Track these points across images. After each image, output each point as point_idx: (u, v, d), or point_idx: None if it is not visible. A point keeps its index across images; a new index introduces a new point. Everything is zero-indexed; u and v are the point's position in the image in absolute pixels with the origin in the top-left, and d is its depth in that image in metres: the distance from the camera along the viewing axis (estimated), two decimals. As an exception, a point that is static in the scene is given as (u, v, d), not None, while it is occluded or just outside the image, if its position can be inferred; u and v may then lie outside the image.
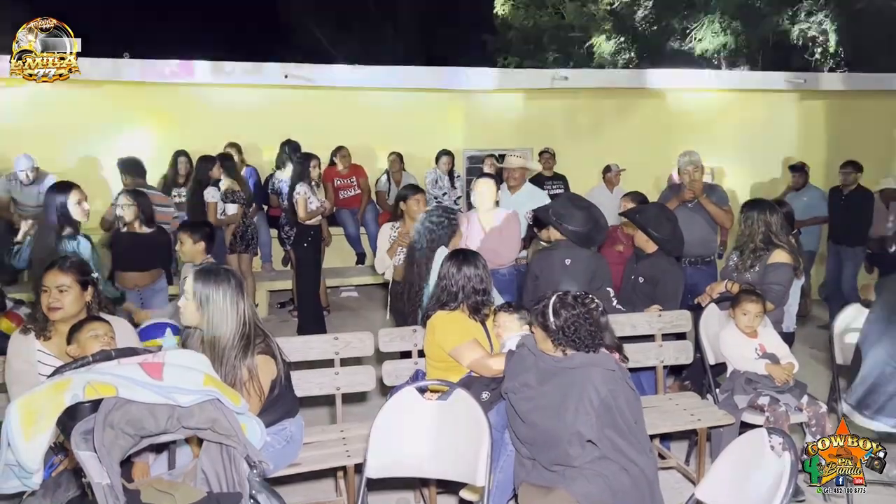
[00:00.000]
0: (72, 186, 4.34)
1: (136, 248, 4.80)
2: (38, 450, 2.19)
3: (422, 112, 8.65)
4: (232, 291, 2.87)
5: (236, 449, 2.44)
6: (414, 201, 4.76)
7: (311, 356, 3.53)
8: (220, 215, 6.42)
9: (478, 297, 3.38)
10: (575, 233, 4.03)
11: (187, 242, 4.30)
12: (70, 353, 2.89)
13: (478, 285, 3.37)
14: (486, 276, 3.41)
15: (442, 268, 3.42)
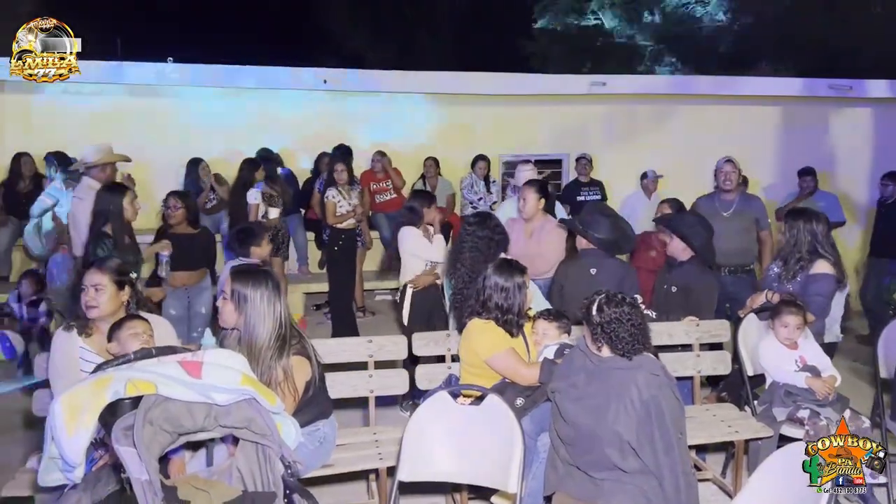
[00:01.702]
0: (125, 187, 4.47)
1: (185, 248, 4.90)
2: (80, 444, 2.23)
3: (458, 117, 8.67)
4: (269, 292, 2.90)
5: (271, 448, 2.46)
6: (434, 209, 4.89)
7: (345, 358, 3.56)
8: (262, 218, 6.52)
9: (499, 314, 3.31)
10: (600, 240, 4.01)
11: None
12: (110, 351, 2.95)
13: (502, 300, 3.30)
14: (517, 292, 3.31)
15: (482, 273, 3.41)
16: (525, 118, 8.86)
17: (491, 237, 4.12)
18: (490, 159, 8.34)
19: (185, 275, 4.93)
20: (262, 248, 4.50)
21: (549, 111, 8.85)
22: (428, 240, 4.87)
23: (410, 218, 4.86)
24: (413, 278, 4.83)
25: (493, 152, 8.52)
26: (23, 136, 7.44)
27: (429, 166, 8.13)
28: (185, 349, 2.66)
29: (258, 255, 4.44)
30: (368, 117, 8.34)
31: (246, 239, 4.46)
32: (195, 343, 4.29)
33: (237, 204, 6.39)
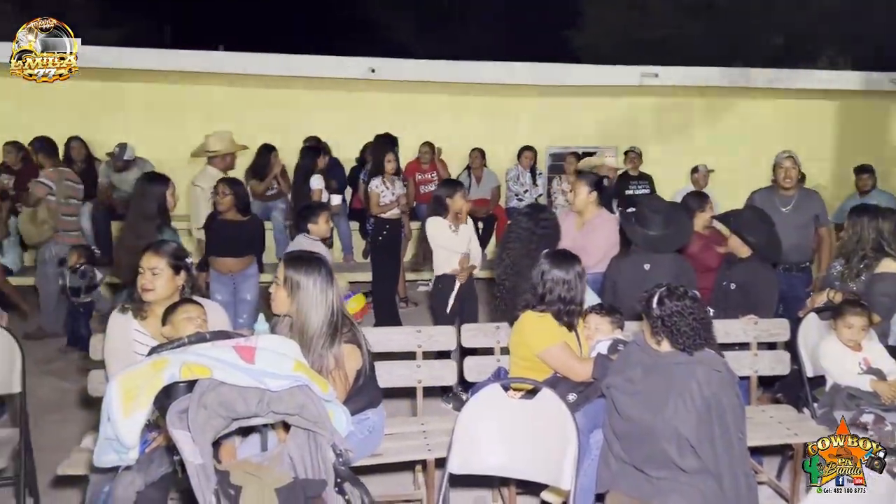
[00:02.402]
0: (168, 178, 4.51)
1: (232, 234, 4.93)
2: (135, 426, 2.24)
3: (505, 108, 8.58)
4: (322, 279, 2.89)
5: (323, 436, 2.45)
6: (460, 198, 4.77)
7: (394, 347, 3.53)
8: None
9: (562, 306, 3.25)
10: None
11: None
12: (164, 334, 2.97)
13: (564, 293, 3.24)
14: (578, 282, 3.26)
15: (537, 267, 3.34)
16: (573, 110, 8.72)
17: (533, 230, 4.05)
18: (537, 151, 8.26)
19: (231, 261, 4.94)
20: (320, 225, 4.65)
21: (597, 103, 8.70)
22: (454, 230, 4.78)
23: (436, 208, 4.79)
24: (454, 270, 4.76)
25: (539, 144, 8.42)
26: (78, 121, 7.59)
27: (474, 157, 8.07)
28: (238, 334, 2.66)
29: (316, 232, 4.60)
30: (413, 107, 8.30)
31: (307, 215, 4.64)
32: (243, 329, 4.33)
33: (300, 191, 6.45)
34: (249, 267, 5.01)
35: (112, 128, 7.57)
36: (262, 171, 7.33)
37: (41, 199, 5.95)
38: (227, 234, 4.92)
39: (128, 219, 4.54)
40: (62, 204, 6.09)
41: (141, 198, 4.37)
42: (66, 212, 6.14)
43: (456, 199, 4.69)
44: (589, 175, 4.85)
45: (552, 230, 4.10)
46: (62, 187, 6.10)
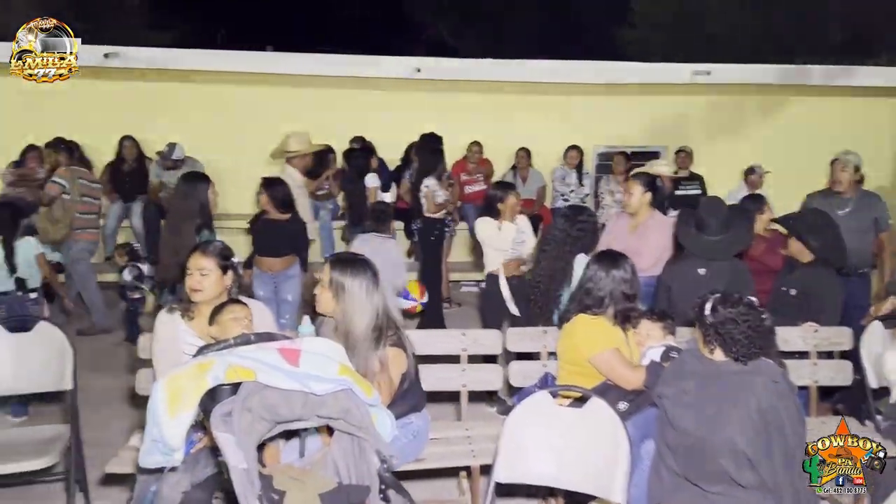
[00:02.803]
0: (208, 178, 4.54)
1: (272, 233, 4.94)
2: (180, 428, 2.24)
3: (551, 106, 8.46)
4: (368, 282, 2.87)
5: (367, 441, 2.41)
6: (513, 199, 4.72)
7: (438, 350, 3.48)
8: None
9: (626, 304, 3.19)
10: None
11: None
12: (211, 334, 2.97)
13: (627, 290, 3.18)
14: (636, 281, 3.22)
15: (588, 270, 3.26)
16: (621, 108, 8.54)
17: (568, 232, 3.98)
18: (583, 150, 8.12)
19: (272, 261, 4.94)
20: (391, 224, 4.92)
21: (647, 101, 8.50)
22: (500, 229, 4.73)
23: (487, 208, 4.83)
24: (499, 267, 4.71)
25: (586, 143, 8.28)
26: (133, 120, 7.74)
27: (520, 157, 7.98)
28: (283, 336, 2.65)
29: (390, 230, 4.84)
30: (458, 106, 8.24)
31: (385, 217, 4.98)
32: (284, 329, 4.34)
33: (354, 190, 6.46)
34: (291, 267, 4.97)
35: (163, 127, 7.69)
36: (317, 170, 7.40)
37: (55, 197, 6.08)
38: (267, 233, 4.93)
39: (169, 218, 4.58)
40: (77, 202, 6.22)
41: (182, 197, 4.41)
42: (82, 210, 6.27)
43: (507, 200, 4.65)
44: (643, 175, 4.72)
45: (588, 233, 4.02)
46: (76, 186, 6.23)
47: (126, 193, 7.34)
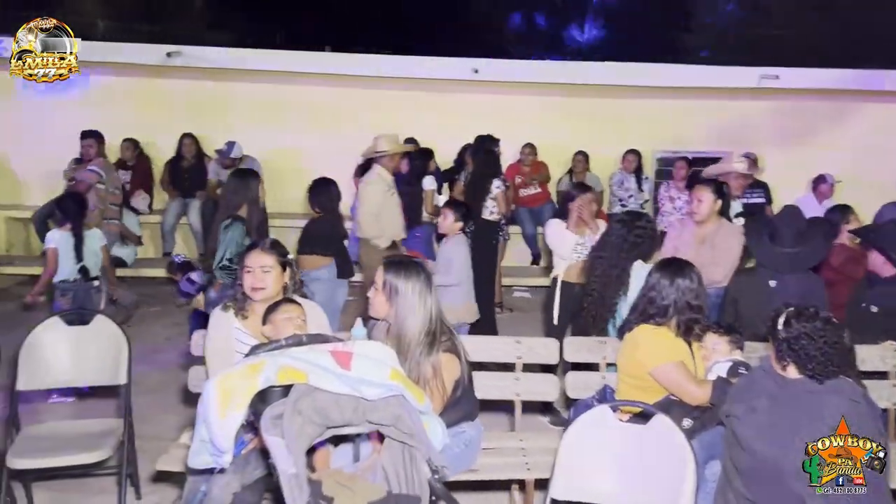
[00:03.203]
0: (257, 174, 4.53)
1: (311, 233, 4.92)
2: (230, 429, 2.19)
3: (610, 109, 8.28)
4: (421, 285, 2.79)
5: (418, 450, 2.33)
6: (585, 201, 4.53)
7: (492, 358, 3.38)
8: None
9: (692, 314, 3.04)
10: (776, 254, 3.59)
11: (449, 218, 4.72)
12: (264, 333, 2.94)
13: (693, 300, 3.03)
14: (703, 291, 3.07)
15: (650, 278, 3.12)
16: (683, 112, 8.31)
17: (625, 238, 3.83)
18: (642, 155, 7.92)
19: (307, 259, 4.87)
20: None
21: (710, 105, 8.25)
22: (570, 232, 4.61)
23: (563, 210, 4.68)
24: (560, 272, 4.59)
25: (646, 147, 8.07)
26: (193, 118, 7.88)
27: (577, 161, 7.83)
28: (335, 338, 2.59)
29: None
30: (515, 109, 8.13)
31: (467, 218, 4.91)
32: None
33: (411, 192, 6.42)
34: (318, 269, 4.83)
35: (222, 125, 7.80)
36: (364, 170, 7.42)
37: (92, 185, 6.14)
38: (309, 233, 4.92)
39: (218, 213, 4.57)
40: (110, 193, 6.31)
41: (232, 192, 4.41)
42: (112, 200, 6.38)
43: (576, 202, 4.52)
44: (711, 181, 4.51)
45: (646, 239, 3.85)
46: (111, 176, 6.32)
47: (185, 190, 7.46)
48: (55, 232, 4.87)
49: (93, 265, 4.86)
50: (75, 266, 4.78)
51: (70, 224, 4.80)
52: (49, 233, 4.93)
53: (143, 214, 7.38)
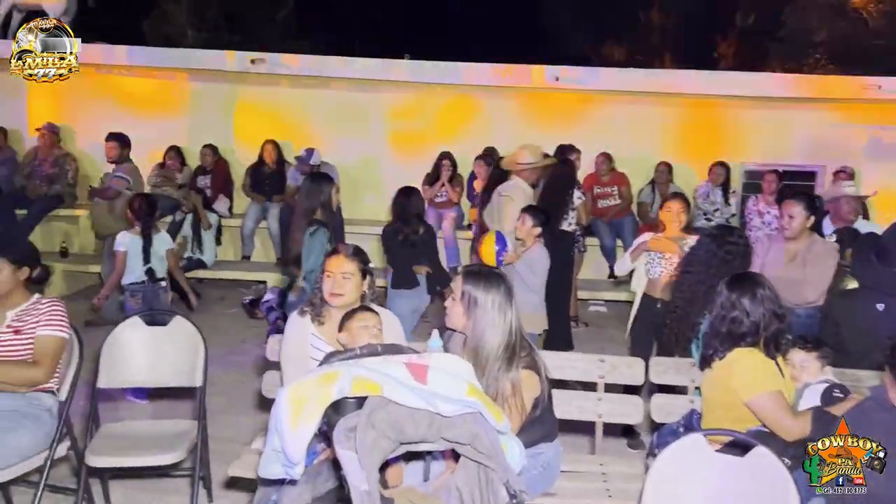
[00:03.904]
0: (332, 178, 4.51)
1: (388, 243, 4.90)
2: (302, 441, 2.12)
3: (695, 119, 7.97)
4: (501, 297, 2.67)
5: (495, 472, 2.20)
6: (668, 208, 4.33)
7: (573, 376, 3.22)
8: None
9: (778, 324, 2.82)
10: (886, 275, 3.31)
11: (528, 223, 4.59)
12: (340, 341, 2.88)
13: (777, 309, 2.82)
14: (778, 297, 2.86)
15: (724, 298, 2.88)
16: (774, 123, 7.90)
17: (715, 253, 3.62)
18: (730, 167, 7.57)
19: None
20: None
21: (804, 116, 7.82)
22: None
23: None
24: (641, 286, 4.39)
25: (733, 160, 7.71)
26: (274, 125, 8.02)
27: (661, 172, 7.55)
28: (411, 349, 2.50)
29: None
30: (595, 117, 7.92)
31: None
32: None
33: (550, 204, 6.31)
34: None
35: (302, 133, 7.91)
36: (433, 177, 7.45)
37: (120, 192, 6.22)
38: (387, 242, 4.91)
39: (294, 218, 4.57)
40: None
41: (305, 197, 4.39)
42: None
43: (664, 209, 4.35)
44: (803, 195, 4.24)
45: (736, 256, 3.60)
46: (138, 181, 6.42)
47: (265, 196, 7.57)
48: (124, 235, 5.00)
49: (159, 268, 4.97)
50: (143, 268, 4.88)
51: (140, 226, 4.91)
52: (119, 235, 5.05)
53: (223, 218, 7.52)
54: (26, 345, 3.02)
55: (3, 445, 2.83)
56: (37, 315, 3.07)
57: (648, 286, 4.40)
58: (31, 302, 3.12)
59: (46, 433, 3.02)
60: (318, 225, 4.19)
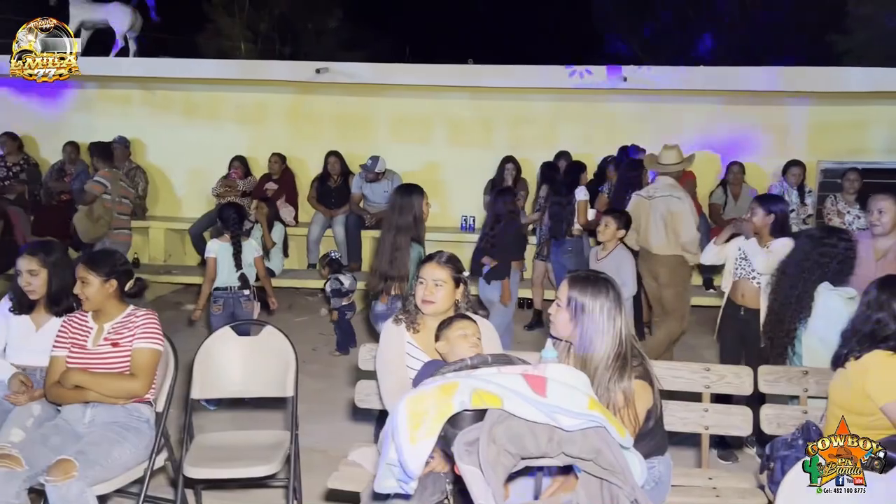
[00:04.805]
0: (422, 189, 4.44)
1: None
2: (421, 455, 2.05)
3: (768, 117, 7.71)
4: (610, 303, 2.56)
5: (621, 489, 2.09)
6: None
7: (676, 385, 3.09)
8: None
9: None
10: None
11: (611, 226, 4.63)
12: (438, 349, 2.82)
13: None
14: None
15: (871, 299, 2.73)
16: (853, 120, 7.59)
17: (808, 255, 3.48)
18: (806, 166, 7.29)
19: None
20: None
21: (885, 112, 7.49)
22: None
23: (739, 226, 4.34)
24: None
25: (809, 158, 7.42)
26: (338, 133, 8.06)
27: (733, 172, 7.31)
28: (521, 360, 2.41)
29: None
30: (660, 117, 7.74)
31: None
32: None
33: (560, 202, 6.25)
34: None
35: (366, 140, 7.92)
36: (497, 182, 7.37)
37: (97, 196, 6.28)
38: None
39: (383, 230, 4.51)
40: (116, 203, 6.43)
41: (398, 210, 4.33)
42: (119, 210, 6.50)
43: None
44: (892, 191, 4.04)
45: (832, 259, 3.42)
46: (116, 187, 6.43)
47: (330, 209, 7.57)
48: (214, 242, 5.02)
49: (249, 275, 4.98)
50: (234, 274, 4.90)
51: (230, 234, 4.94)
52: (209, 243, 5.09)
53: (289, 226, 7.56)
54: (124, 357, 3.03)
55: (108, 457, 2.84)
56: (133, 328, 3.07)
57: (732, 290, 4.26)
58: (126, 314, 3.13)
59: (146, 445, 3.03)
60: (414, 241, 4.19)
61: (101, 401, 2.99)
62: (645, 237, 5.21)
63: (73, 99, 8.44)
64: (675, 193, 5.14)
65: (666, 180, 5.25)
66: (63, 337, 3.09)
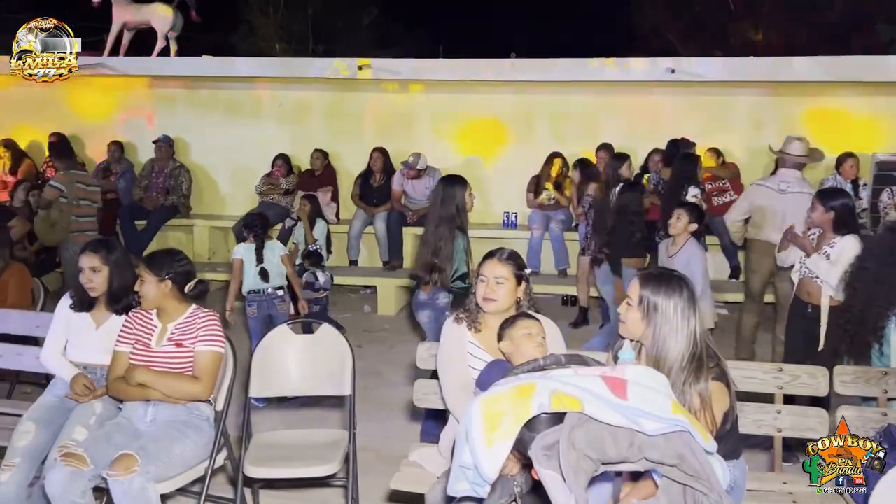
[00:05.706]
0: (465, 180, 4.38)
1: None
2: (498, 459, 1.99)
3: (817, 109, 7.50)
4: (684, 303, 2.47)
5: (707, 497, 2.01)
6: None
7: (747, 387, 2.98)
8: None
9: None
10: None
11: (683, 219, 4.60)
12: (501, 349, 2.75)
13: None
14: None
15: None
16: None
17: (892, 248, 3.38)
18: (859, 158, 7.08)
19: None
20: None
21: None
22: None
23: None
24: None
25: (863, 150, 7.21)
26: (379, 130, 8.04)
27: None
28: (595, 361, 2.34)
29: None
30: (708, 110, 7.58)
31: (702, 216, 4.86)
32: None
33: (671, 200, 6.10)
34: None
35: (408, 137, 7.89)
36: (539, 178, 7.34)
37: (52, 201, 6.13)
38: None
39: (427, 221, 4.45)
40: (74, 206, 6.22)
41: (440, 201, 4.27)
42: (78, 213, 6.27)
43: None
44: None
45: None
46: (73, 189, 6.23)
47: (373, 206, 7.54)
48: (240, 245, 5.15)
49: (274, 274, 5.01)
50: (255, 268, 4.95)
51: (253, 237, 5.03)
52: (236, 246, 5.21)
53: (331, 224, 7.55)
54: (187, 358, 3.02)
55: (169, 453, 2.83)
56: (195, 329, 3.06)
57: (798, 287, 4.12)
58: (188, 314, 3.11)
59: (206, 443, 3.02)
60: (458, 230, 4.10)
61: (163, 400, 2.99)
62: (771, 231, 4.91)
63: (117, 99, 8.54)
64: (804, 189, 4.93)
65: (794, 173, 5.05)
66: (127, 333, 3.08)
